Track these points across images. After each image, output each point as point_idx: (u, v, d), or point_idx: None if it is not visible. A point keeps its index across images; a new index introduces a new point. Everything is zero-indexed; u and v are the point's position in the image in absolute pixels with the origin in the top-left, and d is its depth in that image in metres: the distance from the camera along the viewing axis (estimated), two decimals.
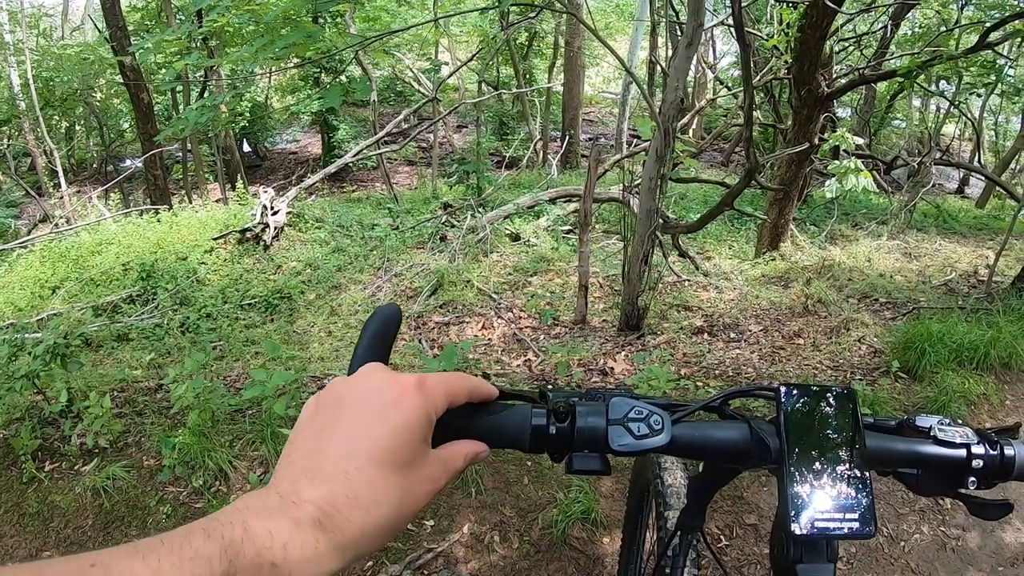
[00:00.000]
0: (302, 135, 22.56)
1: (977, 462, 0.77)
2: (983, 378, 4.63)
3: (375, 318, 0.73)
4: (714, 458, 0.89)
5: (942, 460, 0.78)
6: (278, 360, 4.96)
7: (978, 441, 0.78)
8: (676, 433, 0.75)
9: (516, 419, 0.72)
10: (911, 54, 7.78)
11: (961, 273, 7.57)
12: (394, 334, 0.74)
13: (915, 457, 0.79)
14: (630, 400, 0.74)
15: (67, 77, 16.13)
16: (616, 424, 0.72)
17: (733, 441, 0.78)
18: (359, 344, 0.72)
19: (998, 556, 3.12)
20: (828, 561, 0.74)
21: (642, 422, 0.73)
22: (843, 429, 0.75)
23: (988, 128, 20.71)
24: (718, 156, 18.98)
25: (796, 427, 0.75)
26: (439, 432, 0.65)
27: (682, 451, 0.77)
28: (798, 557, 0.74)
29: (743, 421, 0.79)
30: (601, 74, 29.77)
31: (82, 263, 8.67)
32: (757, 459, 0.77)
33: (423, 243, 9.42)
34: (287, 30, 6.31)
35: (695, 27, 4.76)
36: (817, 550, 0.74)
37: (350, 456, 0.56)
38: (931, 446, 0.78)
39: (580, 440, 0.72)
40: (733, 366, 5.09)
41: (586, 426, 0.72)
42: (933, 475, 0.80)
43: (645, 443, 0.72)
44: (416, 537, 3.08)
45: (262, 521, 0.48)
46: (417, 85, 17.21)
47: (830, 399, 0.78)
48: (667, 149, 5.04)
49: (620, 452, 0.72)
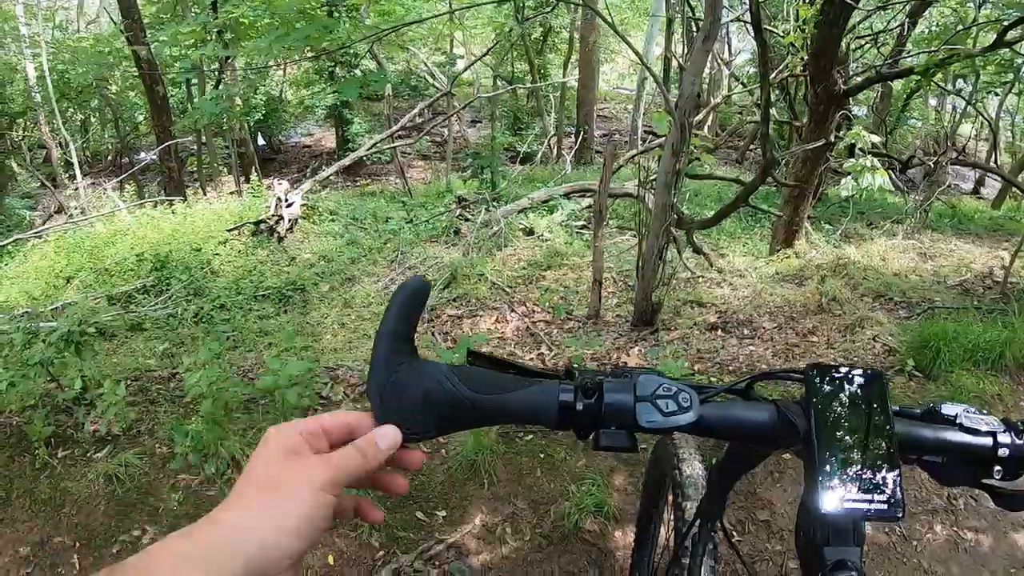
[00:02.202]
0: (316, 129, 22.56)
1: (1004, 451, 0.75)
2: (998, 378, 4.60)
3: (401, 292, 0.72)
4: (742, 438, 0.88)
5: (968, 448, 0.77)
6: (292, 350, 4.97)
7: (1005, 430, 0.77)
8: (704, 412, 0.74)
9: (543, 396, 0.71)
10: (928, 52, 7.72)
11: (976, 274, 7.52)
12: (420, 309, 0.73)
13: (941, 444, 0.78)
14: (658, 378, 0.73)
15: (82, 69, 16.20)
16: (644, 401, 0.71)
17: (761, 422, 0.77)
18: (384, 320, 0.71)
19: (1012, 558, 3.10)
20: (855, 544, 0.73)
21: (671, 399, 0.72)
22: (872, 411, 0.75)
23: (1005, 128, 20.56)
24: (732, 154, 18.91)
25: (824, 408, 0.74)
26: (462, 413, 0.67)
27: (710, 430, 0.77)
28: (825, 539, 0.73)
29: (770, 402, 0.78)
30: (616, 70, 29.72)
31: (96, 254, 8.71)
32: (784, 440, 0.76)
33: (437, 237, 9.43)
34: (302, 23, 6.33)
35: (712, 22, 4.74)
36: (844, 533, 0.73)
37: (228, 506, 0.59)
38: (957, 433, 0.77)
39: (607, 416, 0.71)
40: (747, 362, 5.08)
41: (614, 402, 0.71)
42: (959, 464, 0.79)
43: (673, 420, 0.71)
44: (428, 527, 3.08)
45: None
46: (431, 79, 17.21)
47: (858, 381, 0.77)
48: (683, 144, 5.02)
49: (648, 429, 0.71)
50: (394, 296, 0.72)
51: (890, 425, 0.73)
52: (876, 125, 14.01)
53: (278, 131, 21.04)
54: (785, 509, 3.25)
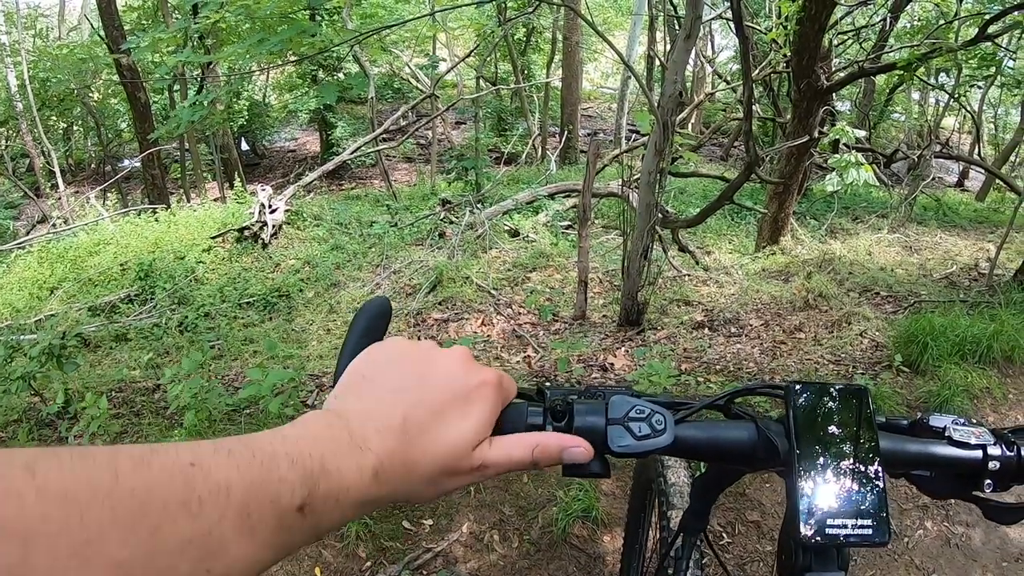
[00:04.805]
0: (300, 133, 22.55)
1: (994, 464, 0.73)
2: (986, 372, 4.60)
3: (363, 313, 0.71)
4: (719, 460, 0.85)
5: (957, 462, 0.74)
6: (276, 359, 4.93)
7: (995, 442, 0.74)
8: (679, 433, 0.71)
9: (511, 417, 0.68)
10: (910, 47, 7.74)
11: (962, 266, 7.55)
12: (384, 329, 0.71)
13: (929, 459, 0.75)
14: (631, 398, 0.70)
15: (64, 77, 16.11)
16: (616, 424, 0.68)
17: (739, 442, 0.74)
18: (347, 342, 0.69)
19: (1003, 552, 3.09)
20: (839, 569, 0.71)
21: (643, 422, 0.69)
22: (855, 429, 0.72)
23: (988, 121, 20.70)
24: (717, 151, 18.95)
25: (805, 427, 0.72)
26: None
27: (686, 452, 0.74)
28: (807, 565, 0.70)
29: (749, 420, 0.75)
30: (599, 69, 29.77)
31: (80, 263, 8.65)
32: (764, 461, 0.73)
33: (422, 240, 9.39)
34: (283, 27, 6.29)
35: (693, 20, 4.73)
36: (828, 557, 0.70)
37: (421, 424, 0.58)
38: (946, 447, 0.75)
39: None
40: (734, 361, 5.07)
41: (584, 426, 0.68)
42: (948, 477, 0.77)
43: (647, 444, 0.68)
44: (415, 537, 3.05)
45: (335, 459, 0.51)
46: (415, 82, 17.19)
47: (841, 397, 0.74)
48: (666, 143, 5.01)
49: (620, 453, 0.68)
50: (355, 317, 0.71)
51: (875, 444, 0.71)
52: (860, 120, 14.06)
53: (262, 136, 21.02)
54: (775, 510, 3.24)
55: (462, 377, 0.62)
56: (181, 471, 0.42)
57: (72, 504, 0.36)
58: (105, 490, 0.37)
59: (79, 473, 0.37)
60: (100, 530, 0.36)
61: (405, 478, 0.56)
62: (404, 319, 6.69)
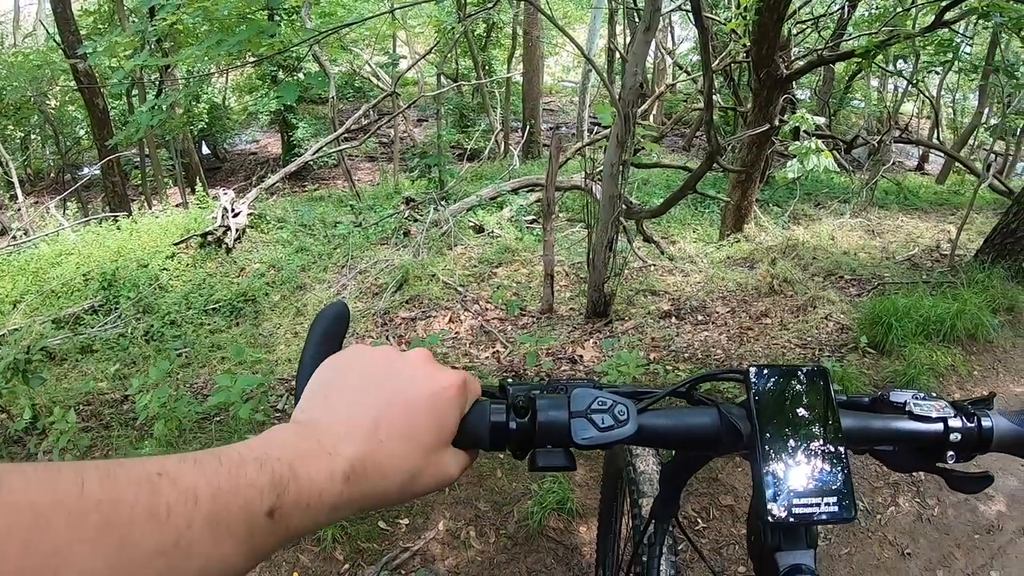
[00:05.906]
0: (261, 135, 22.37)
1: (955, 436, 0.75)
2: (950, 350, 4.68)
3: (320, 320, 0.71)
4: (683, 446, 0.86)
5: (920, 436, 0.76)
6: (245, 364, 4.89)
7: (955, 414, 0.76)
8: (643, 422, 0.72)
9: (474, 416, 0.68)
10: (868, 34, 7.82)
11: (924, 248, 7.65)
12: (342, 333, 0.71)
13: (892, 434, 0.77)
14: (593, 391, 0.71)
15: (20, 84, 15.84)
16: (579, 416, 0.69)
17: (703, 427, 0.75)
18: (306, 350, 0.69)
19: (974, 525, 3.14)
20: (808, 547, 0.71)
21: (606, 413, 0.69)
22: (816, 409, 0.73)
23: (946, 106, 20.98)
24: (679, 141, 19.07)
25: (767, 409, 0.72)
26: None
27: (650, 441, 0.74)
28: (776, 544, 0.71)
29: (712, 406, 0.76)
30: (560, 63, 29.82)
31: (42, 275, 8.52)
32: (728, 445, 0.74)
33: (387, 239, 9.36)
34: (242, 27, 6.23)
35: (652, 12, 4.75)
36: (796, 536, 0.71)
37: (389, 426, 0.59)
38: (908, 422, 0.76)
39: (542, 435, 0.69)
40: (702, 348, 5.10)
41: (547, 420, 0.69)
42: (911, 451, 0.78)
43: (610, 435, 0.69)
44: (391, 537, 3.04)
45: (304, 464, 0.51)
46: (376, 80, 17.11)
47: (801, 378, 0.75)
48: (628, 135, 5.02)
49: (584, 446, 0.68)
50: (314, 323, 0.71)
51: (836, 422, 0.72)
52: (820, 107, 14.23)
53: (222, 139, 20.83)
54: (747, 493, 3.25)
55: (426, 380, 0.63)
56: (147, 480, 0.42)
57: (38, 517, 0.36)
58: (71, 502, 0.37)
59: (45, 486, 0.37)
60: (67, 541, 0.36)
61: (376, 482, 0.56)
62: (371, 319, 6.67)
